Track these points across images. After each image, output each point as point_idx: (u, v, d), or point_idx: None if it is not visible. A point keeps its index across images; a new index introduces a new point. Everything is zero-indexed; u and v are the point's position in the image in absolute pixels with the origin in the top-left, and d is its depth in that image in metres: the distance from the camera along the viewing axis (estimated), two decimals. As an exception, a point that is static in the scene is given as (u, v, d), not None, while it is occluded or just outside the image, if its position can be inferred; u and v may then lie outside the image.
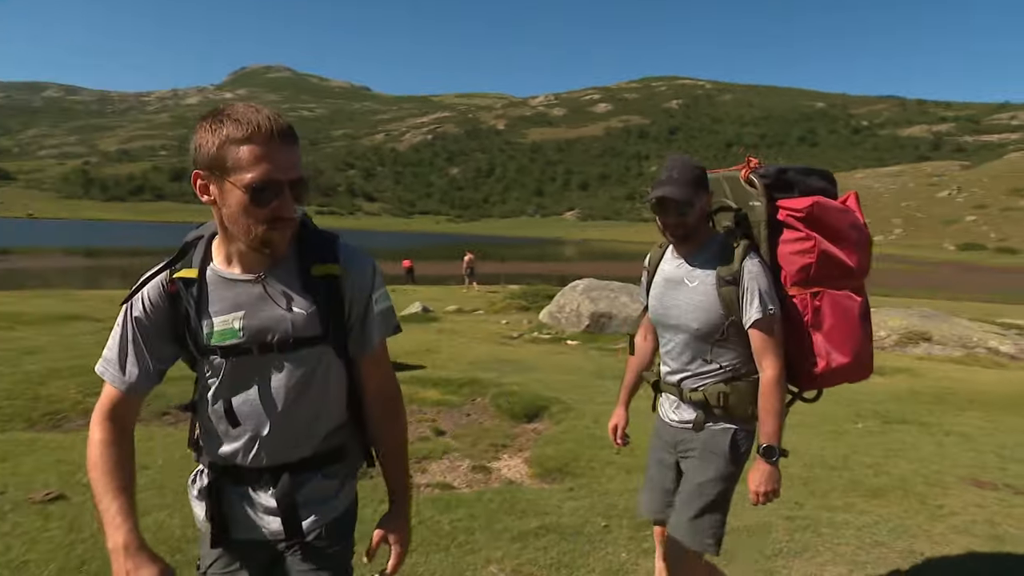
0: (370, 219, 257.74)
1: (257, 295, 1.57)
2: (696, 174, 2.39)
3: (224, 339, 1.55)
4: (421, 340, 12.56)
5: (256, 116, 1.43)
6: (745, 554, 3.66)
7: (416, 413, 6.85)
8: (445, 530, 3.85)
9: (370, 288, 1.67)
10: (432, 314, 18.21)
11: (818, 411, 7.25)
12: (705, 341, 2.41)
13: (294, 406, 1.60)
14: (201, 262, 1.58)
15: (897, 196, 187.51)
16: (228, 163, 1.43)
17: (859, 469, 5.30)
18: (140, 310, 1.57)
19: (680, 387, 2.51)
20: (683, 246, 2.49)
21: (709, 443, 2.42)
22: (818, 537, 3.92)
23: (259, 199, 1.44)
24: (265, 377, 1.58)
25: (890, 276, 59.27)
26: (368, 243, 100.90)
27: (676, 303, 2.47)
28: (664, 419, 2.63)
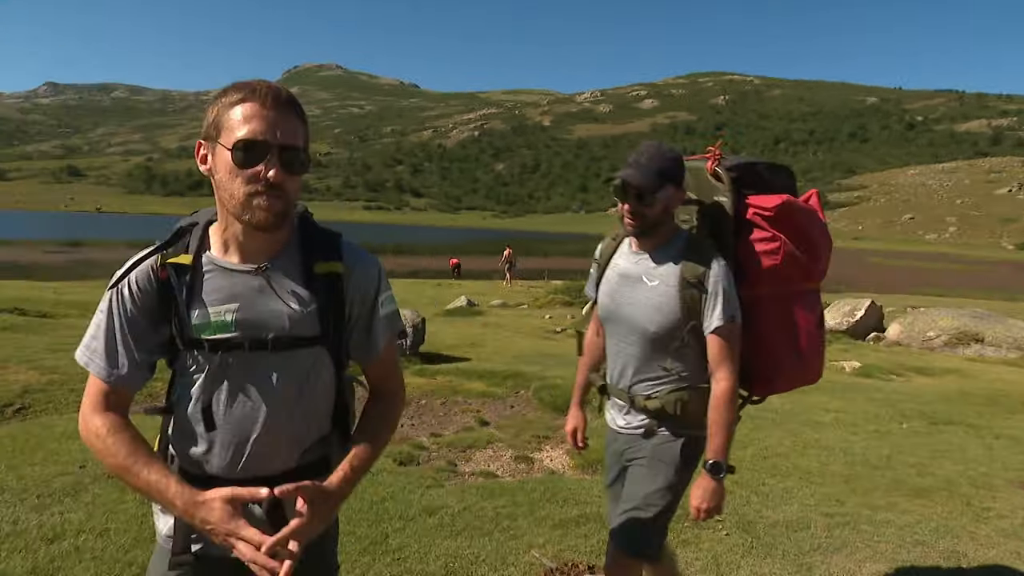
0: (417, 214, 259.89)
1: (255, 287, 1.46)
2: (666, 164, 2.16)
3: (214, 332, 1.44)
4: (466, 333, 12.72)
5: (256, 83, 1.39)
6: (783, 548, 3.67)
7: (461, 404, 6.97)
8: (489, 516, 3.95)
9: (376, 290, 1.58)
10: (477, 308, 18.39)
11: (860, 410, 7.18)
12: (661, 345, 2.22)
13: (282, 411, 1.48)
14: (197, 248, 1.47)
15: (952, 193, 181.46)
16: (222, 125, 1.38)
17: (902, 469, 5.24)
18: (127, 296, 1.44)
19: (631, 393, 2.31)
20: (643, 240, 2.26)
21: (658, 451, 2.26)
22: (857, 534, 3.91)
23: (243, 159, 1.35)
24: (254, 378, 1.46)
25: (943, 276, 57.51)
26: (415, 238, 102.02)
27: (632, 302, 2.25)
28: (611, 426, 2.43)
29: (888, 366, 10.36)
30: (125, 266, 1.47)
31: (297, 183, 1.43)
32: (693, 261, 2.15)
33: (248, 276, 1.46)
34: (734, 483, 4.60)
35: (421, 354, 9.42)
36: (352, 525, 3.70)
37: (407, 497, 4.16)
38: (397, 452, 5.19)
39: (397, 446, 5.42)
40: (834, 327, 13.71)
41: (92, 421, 1.42)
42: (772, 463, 5.14)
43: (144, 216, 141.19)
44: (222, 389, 1.46)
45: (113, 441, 1.38)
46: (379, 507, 3.97)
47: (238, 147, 1.35)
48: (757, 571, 3.41)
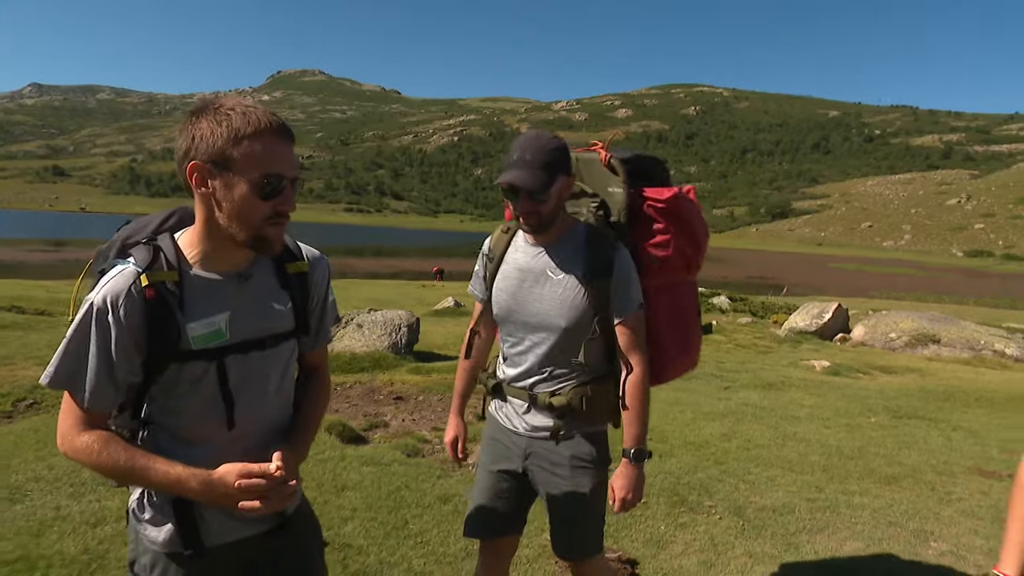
0: (397, 217, 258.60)
1: (241, 294, 1.50)
2: (553, 156, 2.01)
3: (208, 341, 1.45)
4: (456, 333, 12.78)
5: (257, 111, 1.39)
6: (771, 530, 3.86)
7: (457, 400, 7.08)
8: (498, 503, 4.08)
9: (327, 283, 1.69)
10: (463, 308, 18.44)
11: (832, 406, 7.42)
12: (571, 340, 2.08)
13: (275, 401, 1.58)
14: (179, 263, 1.45)
15: (907, 203, 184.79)
16: (236, 157, 1.36)
17: (873, 459, 5.47)
18: (111, 320, 1.38)
19: (532, 391, 2.16)
20: (541, 235, 2.11)
21: (577, 454, 2.15)
22: (837, 517, 4.12)
23: (265, 193, 1.39)
24: (252, 376, 1.52)
25: (901, 281, 58.64)
26: (396, 240, 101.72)
27: (538, 298, 2.10)
28: (507, 426, 2.25)
29: (855, 365, 10.65)
30: (99, 288, 1.40)
31: None
32: (597, 252, 2.06)
33: (233, 284, 1.49)
34: (723, 472, 4.80)
35: (415, 352, 9.49)
36: (373, 512, 3.81)
37: (420, 486, 4.28)
38: (403, 444, 5.30)
39: (402, 439, 5.54)
40: (803, 328, 14.05)
41: (79, 439, 1.39)
42: (755, 454, 5.34)
43: (129, 215, 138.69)
44: (223, 388, 1.49)
45: (109, 452, 1.38)
46: (396, 496, 4.08)
47: (263, 182, 1.38)
48: (750, 550, 3.60)
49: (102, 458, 1.38)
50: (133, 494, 1.55)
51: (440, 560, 3.33)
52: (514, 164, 2.01)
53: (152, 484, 1.41)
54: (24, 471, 4.03)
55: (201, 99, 1.46)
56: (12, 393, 5.86)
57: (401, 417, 6.42)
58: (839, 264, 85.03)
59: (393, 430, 5.94)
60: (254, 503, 1.38)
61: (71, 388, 1.40)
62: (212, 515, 1.52)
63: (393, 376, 7.86)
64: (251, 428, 1.53)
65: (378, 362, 8.49)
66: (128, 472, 1.39)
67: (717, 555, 3.56)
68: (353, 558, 3.27)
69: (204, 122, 1.37)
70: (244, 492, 1.38)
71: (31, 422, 5.17)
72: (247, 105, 1.40)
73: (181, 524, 1.48)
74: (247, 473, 1.38)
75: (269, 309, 1.54)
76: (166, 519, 1.49)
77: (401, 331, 9.51)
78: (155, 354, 1.42)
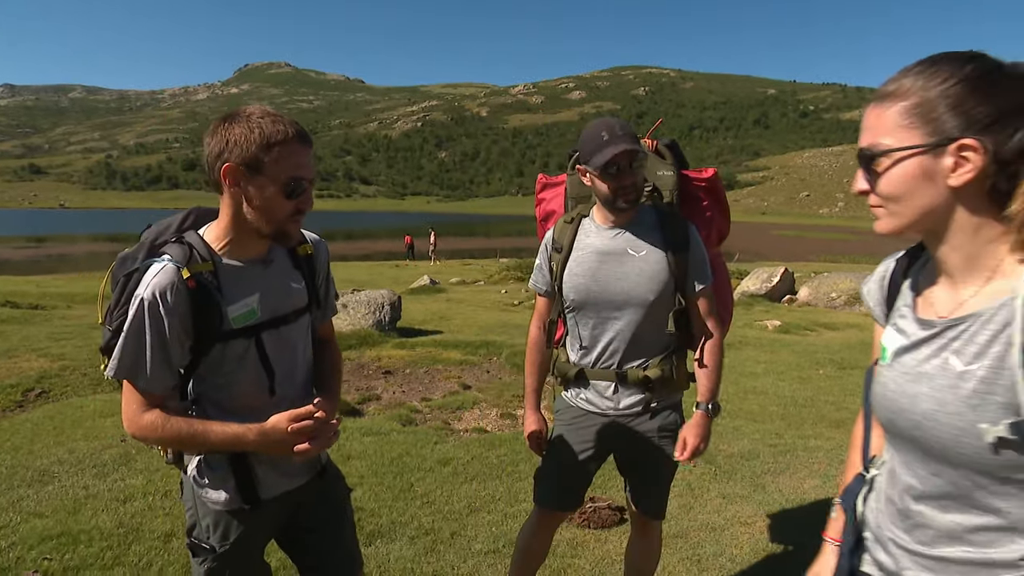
0: (366, 200, 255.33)
1: (267, 277, 1.60)
2: (633, 132, 2.00)
3: (246, 320, 1.55)
4: (434, 309, 12.81)
5: (288, 123, 1.47)
6: (740, 473, 4.05)
7: (442, 371, 7.14)
8: (494, 463, 4.18)
9: (327, 261, 1.80)
10: (439, 286, 18.45)
11: (784, 361, 7.67)
12: (658, 313, 2.06)
13: (304, 367, 1.70)
14: (211, 255, 1.53)
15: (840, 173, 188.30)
16: (267, 161, 1.44)
17: (824, 406, 5.71)
18: (162, 312, 1.45)
19: (621, 369, 2.10)
20: (620, 215, 2.07)
21: (664, 424, 2.16)
22: (796, 459, 4.32)
23: (291, 194, 1.48)
24: (283, 348, 1.63)
25: (837, 245, 59.99)
26: (366, 223, 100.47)
27: (622, 276, 2.05)
28: (591, 409, 2.17)
29: (802, 323, 10.96)
30: (145, 283, 1.47)
31: None
32: (673, 228, 2.06)
33: (258, 269, 1.59)
34: (693, 425, 4.97)
35: (398, 329, 9.50)
36: (380, 476, 3.89)
37: (420, 452, 4.36)
38: (398, 415, 5.36)
39: (395, 409, 5.60)
40: (755, 292, 14.37)
41: (143, 418, 1.48)
42: (722, 407, 5.53)
43: (107, 211, 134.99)
44: (265, 363, 1.59)
45: (171, 425, 1.48)
46: (399, 461, 4.16)
47: (290, 184, 1.47)
48: (724, 492, 3.77)
49: (166, 431, 1.48)
50: (190, 464, 1.63)
51: (447, 517, 3.43)
52: (612, 140, 1.94)
53: (213, 445, 1.52)
54: (47, 455, 4.02)
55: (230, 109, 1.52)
56: (21, 384, 5.78)
57: (392, 390, 6.47)
58: (781, 231, 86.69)
59: (386, 402, 6.00)
60: (306, 445, 1.50)
61: (133, 376, 1.48)
62: (264, 472, 1.63)
63: (380, 352, 7.89)
64: (288, 392, 1.63)
65: (364, 339, 8.50)
66: (190, 438, 1.50)
67: (694, 498, 3.72)
68: (367, 520, 3.35)
69: (237, 128, 1.44)
70: (296, 435, 1.50)
71: (44, 410, 5.12)
72: (273, 114, 1.47)
73: (240, 481, 1.60)
74: (296, 417, 1.50)
75: (289, 287, 1.65)
76: (226, 480, 1.60)
77: (384, 309, 9.50)
78: (202, 336, 1.50)
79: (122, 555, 2.89)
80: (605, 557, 3.08)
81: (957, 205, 0.94)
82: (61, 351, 7.11)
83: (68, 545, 2.95)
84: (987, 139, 0.90)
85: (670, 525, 3.31)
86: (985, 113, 0.90)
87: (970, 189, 0.92)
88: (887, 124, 0.97)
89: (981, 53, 0.94)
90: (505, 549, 3.10)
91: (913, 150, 0.94)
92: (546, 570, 2.91)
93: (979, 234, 0.94)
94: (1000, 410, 0.88)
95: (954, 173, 0.92)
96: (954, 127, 0.91)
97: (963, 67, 0.92)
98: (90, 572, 2.75)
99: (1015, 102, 0.90)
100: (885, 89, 0.98)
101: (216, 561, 1.63)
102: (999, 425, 0.88)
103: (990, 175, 0.91)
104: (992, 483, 0.92)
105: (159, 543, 2.98)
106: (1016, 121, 0.89)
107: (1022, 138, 0.89)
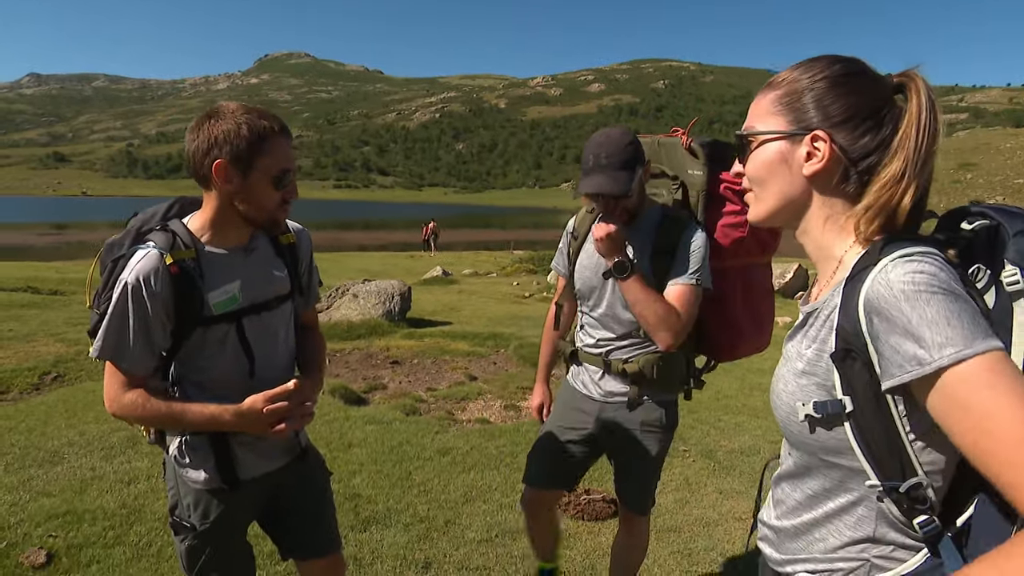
0: (383, 191, 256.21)
1: (248, 264, 1.64)
2: (628, 152, 1.98)
3: (228, 306, 1.60)
4: (445, 300, 12.88)
5: (270, 118, 1.53)
6: (739, 469, 4.06)
7: (450, 362, 7.19)
8: (493, 454, 4.22)
9: (310, 250, 1.85)
10: (451, 277, 18.52)
11: (775, 357, 7.63)
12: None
13: (284, 352, 1.75)
14: (194, 243, 1.57)
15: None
16: (254, 155, 1.50)
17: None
18: (145, 296, 1.50)
19: (607, 358, 2.18)
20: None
21: (647, 419, 2.17)
22: (797, 456, 4.31)
23: (280, 183, 1.55)
24: (264, 334, 1.67)
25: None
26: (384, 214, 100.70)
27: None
28: (583, 391, 2.27)
29: (813, 320, 10.91)
30: (129, 268, 1.51)
31: None
32: (667, 232, 2.06)
33: (240, 257, 1.64)
34: (696, 420, 4.98)
35: (408, 319, 9.57)
36: (379, 464, 3.94)
37: (420, 441, 4.41)
38: (402, 404, 5.41)
39: (400, 399, 5.65)
40: (766, 287, 14.32)
41: (125, 397, 1.53)
42: (724, 403, 5.53)
43: (128, 198, 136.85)
44: (246, 347, 1.64)
45: (152, 404, 1.53)
46: (399, 450, 4.21)
47: (278, 176, 1.54)
48: (720, 487, 3.78)
49: (147, 410, 1.54)
50: (171, 445, 1.68)
51: (442, 506, 3.48)
52: (592, 170, 1.98)
53: (191, 424, 1.57)
54: (58, 437, 4.12)
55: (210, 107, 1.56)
56: (38, 367, 5.90)
57: (398, 380, 6.53)
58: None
59: (391, 391, 6.05)
60: (281, 426, 1.56)
61: (116, 357, 1.53)
62: (244, 453, 1.68)
63: (389, 342, 7.96)
64: (268, 376, 1.66)
65: (374, 329, 8.58)
66: (169, 417, 1.55)
67: (691, 492, 3.74)
68: (363, 506, 3.40)
69: (223, 125, 1.49)
70: (270, 415, 1.55)
71: (58, 394, 5.24)
72: (253, 109, 1.53)
73: (220, 462, 1.64)
74: (272, 397, 1.55)
75: (271, 275, 1.70)
76: (206, 460, 1.65)
77: (394, 299, 9.57)
78: (183, 321, 1.55)
79: (123, 535, 2.97)
80: (597, 548, 3.11)
81: (811, 195, 0.99)
82: (78, 336, 7.25)
83: (73, 524, 3.03)
84: (839, 135, 0.95)
85: (664, 519, 3.33)
86: (840, 110, 0.95)
87: (821, 180, 0.98)
88: (760, 110, 1.03)
89: (856, 58, 0.99)
90: (498, 538, 3.14)
91: (774, 135, 1.00)
92: (537, 561, 2.94)
93: (827, 225, 1.00)
94: (817, 389, 0.94)
95: (807, 163, 0.97)
96: (812, 119, 0.97)
97: (833, 65, 0.98)
98: (92, 550, 2.83)
99: (869, 106, 0.95)
100: (771, 79, 1.05)
101: (197, 539, 1.68)
102: (808, 404, 0.93)
103: (839, 170, 0.96)
104: (820, 465, 0.98)
105: (159, 524, 3.05)
106: (866, 124, 0.94)
107: (867, 143, 0.94)
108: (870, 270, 0.88)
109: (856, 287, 0.89)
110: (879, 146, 0.94)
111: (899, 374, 0.82)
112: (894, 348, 0.82)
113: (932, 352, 0.79)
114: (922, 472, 0.89)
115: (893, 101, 0.96)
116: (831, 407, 0.91)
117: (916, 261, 0.85)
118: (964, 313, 0.80)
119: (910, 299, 0.81)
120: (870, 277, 0.87)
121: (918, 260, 0.85)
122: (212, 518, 1.67)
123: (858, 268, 0.91)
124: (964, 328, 0.78)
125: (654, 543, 3.14)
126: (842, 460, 0.94)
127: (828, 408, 0.91)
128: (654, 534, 3.20)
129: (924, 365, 0.79)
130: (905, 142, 0.91)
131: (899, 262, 0.85)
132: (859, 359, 0.87)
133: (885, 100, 0.96)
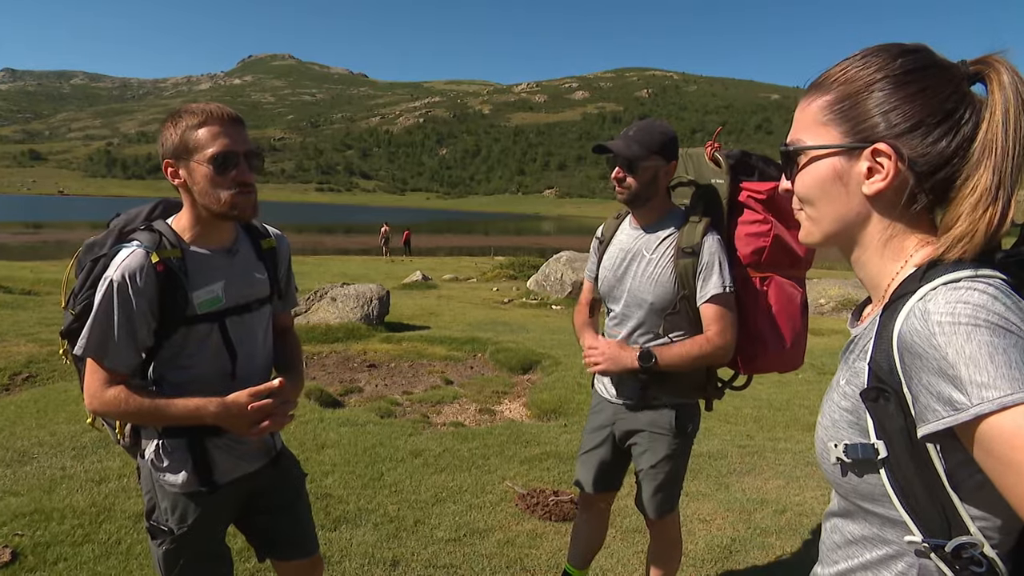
0: (366, 195, 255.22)
1: (231, 266, 1.66)
2: (657, 139, 2.09)
3: (211, 306, 1.61)
4: (424, 305, 12.89)
5: (207, 106, 1.54)
6: (706, 472, 4.14)
7: (427, 366, 7.22)
8: (465, 456, 4.27)
9: (289, 254, 1.88)
10: (431, 282, 18.52)
11: (766, 364, 7.77)
12: (657, 315, 2.15)
13: (264, 353, 1.77)
14: (179, 242, 1.59)
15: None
16: (190, 146, 1.51)
17: (798, 410, 5.81)
18: (130, 294, 1.51)
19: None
20: (639, 214, 2.22)
21: (654, 424, 2.21)
22: (763, 460, 4.41)
23: (222, 168, 1.51)
24: (246, 334, 1.70)
25: (832, 252, 60.01)
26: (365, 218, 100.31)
27: (633, 275, 2.19)
28: (603, 395, 2.35)
29: (787, 328, 11.07)
30: (115, 266, 1.53)
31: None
32: (689, 233, 2.10)
33: (223, 257, 1.66)
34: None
35: (386, 323, 9.58)
36: (351, 465, 3.98)
37: (394, 443, 4.44)
38: (377, 407, 5.45)
39: (376, 402, 5.69)
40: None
41: (107, 394, 1.54)
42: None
43: (107, 198, 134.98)
44: (228, 347, 1.66)
45: (134, 399, 1.54)
46: (372, 452, 4.24)
47: (215, 160, 1.51)
48: (687, 490, 3.82)
49: (129, 405, 1.55)
50: (148, 448, 1.67)
51: (412, 506, 3.52)
52: (619, 137, 2.14)
53: (174, 417, 1.57)
54: (28, 437, 4.11)
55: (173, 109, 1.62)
56: (8, 367, 5.86)
57: (375, 383, 6.56)
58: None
59: (367, 394, 6.08)
60: (265, 423, 1.59)
61: (100, 354, 1.54)
62: (221, 456, 1.69)
63: (366, 345, 7.97)
64: (249, 376, 1.69)
65: (352, 332, 8.58)
66: (152, 411, 1.56)
67: (657, 495, 3.80)
68: (334, 506, 3.43)
69: (168, 125, 1.56)
70: (255, 412, 1.57)
71: (30, 394, 5.20)
72: (200, 104, 1.55)
73: (197, 465, 1.65)
74: (256, 393, 1.58)
75: (252, 278, 1.72)
76: (184, 463, 1.65)
77: (372, 303, 9.59)
78: (167, 319, 1.56)
79: (92, 533, 2.98)
80: (563, 548, 3.16)
81: (871, 217, 0.84)
82: (51, 337, 7.17)
83: (40, 522, 3.03)
84: (905, 146, 0.79)
85: (629, 520, 3.40)
86: (906, 115, 0.79)
87: (884, 200, 0.82)
88: (808, 118, 0.87)
89: (922, 46, 0.82)
90: (467, 538, 3.19)
91: (827, 150, 0.84)
92: (503, 559, 3.00)
93: (887, 249, 0.85)
94: (849, 428, 0.83)
95: (868, 180, 0.82)
96: (872, 128, 0.81)
97: (894, 61, 0.81)
98: (60, 548, 2.83)
99: (942, 108, 0.78)
100: (816, 79, 0.88)
101: (174, 543, 1.68)
102: (839, 446, 0.83)
103: (907, 187, 0.80)
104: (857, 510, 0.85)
105: (129, 523, 3.06)
106: (939, 129, 0.78)
107: (941, 152, 0.78)
108: (907, 299, 0.75)
109: (892, 317, 0.76)
110: (955, 155, 0.78)
111: (932, 419, 0.70)
112: (927, 389, 0.70)
113: (971, 396, 0.66)
114: (974, 529, 0.74)
115: (970, 97, 0.79)
116: (862, 451, 0.79)
117: (963, 289, 0.72)
118: (1012, 350, 0.66)
119: (947, 333, 0.69)
120: (906, 307, 0.75)
121: (965, 288, 0.72)
122: (190, 522, 1.68)
123: (896, 295, 0.79)
124: (1012, 368, 0.65)
125: (619, 543, 3.21)
126: (879, 508, 0.81)
127: (859, 452, 0.80)
128: (620, 534, 3.27)
129: (960, 411, 0.67)
130: (991, 147, 0.75)
131: (941, 290, 0.73)
132: (892, 400, 0.75)
133: (961, 97, 0.79)
